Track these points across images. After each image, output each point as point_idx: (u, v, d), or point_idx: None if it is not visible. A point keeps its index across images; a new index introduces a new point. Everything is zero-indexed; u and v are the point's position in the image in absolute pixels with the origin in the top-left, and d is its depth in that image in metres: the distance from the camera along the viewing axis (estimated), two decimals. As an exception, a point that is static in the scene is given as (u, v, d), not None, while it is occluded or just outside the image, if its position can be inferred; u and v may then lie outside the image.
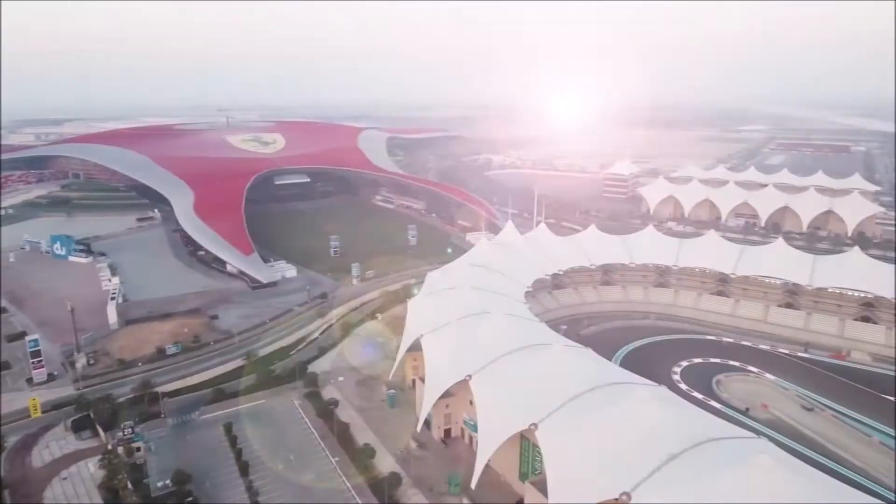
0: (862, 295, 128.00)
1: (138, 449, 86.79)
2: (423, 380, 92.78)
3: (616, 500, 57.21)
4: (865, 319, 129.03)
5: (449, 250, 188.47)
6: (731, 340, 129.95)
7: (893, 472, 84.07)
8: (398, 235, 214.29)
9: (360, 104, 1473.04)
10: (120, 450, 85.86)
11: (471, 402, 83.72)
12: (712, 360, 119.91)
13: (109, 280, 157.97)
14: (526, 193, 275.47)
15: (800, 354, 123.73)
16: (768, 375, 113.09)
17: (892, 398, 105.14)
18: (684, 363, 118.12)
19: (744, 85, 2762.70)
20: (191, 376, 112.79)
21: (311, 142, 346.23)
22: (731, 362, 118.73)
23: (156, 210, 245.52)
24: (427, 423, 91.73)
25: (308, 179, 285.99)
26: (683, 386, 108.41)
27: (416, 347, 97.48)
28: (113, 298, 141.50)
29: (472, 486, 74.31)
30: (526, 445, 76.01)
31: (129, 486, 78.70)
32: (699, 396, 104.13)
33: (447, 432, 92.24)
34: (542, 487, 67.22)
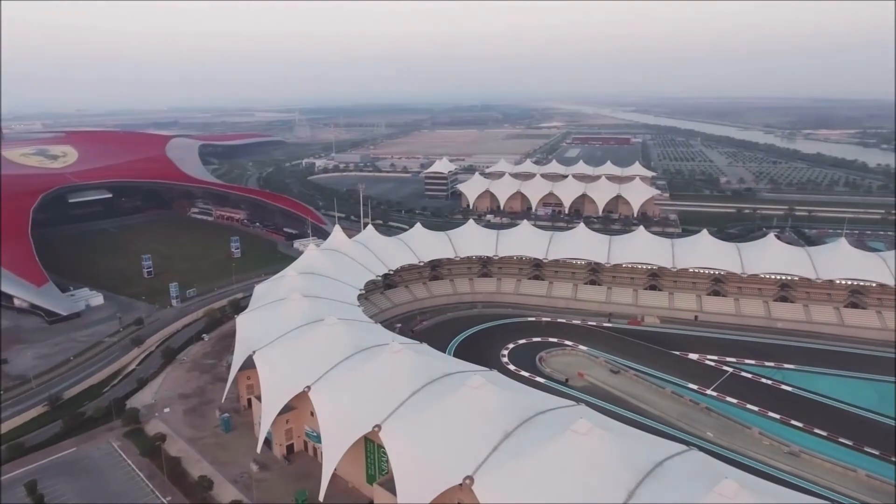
0: (648, 267, 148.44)
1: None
2: (259, 398, 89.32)
3: (461, 485, 60.61)
4: (653, 288, 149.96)
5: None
6: (548, 319, 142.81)
7: (685, 416, 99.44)
8: (220, 249, 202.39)
9: (169, 110, 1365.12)
10: None
11: (312, 414, 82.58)
12: (534, 339, 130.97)
13: None
14: (351, 196, 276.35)
15: (605, 325, 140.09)
16: (581, 347, 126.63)
17: (677, 352, 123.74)
18: (511, 345, 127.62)
19: (543, 86, 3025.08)
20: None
21: (109, 153, 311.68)
22: (551, 339, 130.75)
23: None
24: (268, 442, 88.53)
25: (110, 195, 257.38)
26: (512, 367, 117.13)
27: (248, 365, 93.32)
28: None
29: (321, 497, 73.45)
30: (371, 448, 76.95)
31: None
32: (526, 374, 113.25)
33: (290, 448, 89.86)
34: (390, 487, 68.65)
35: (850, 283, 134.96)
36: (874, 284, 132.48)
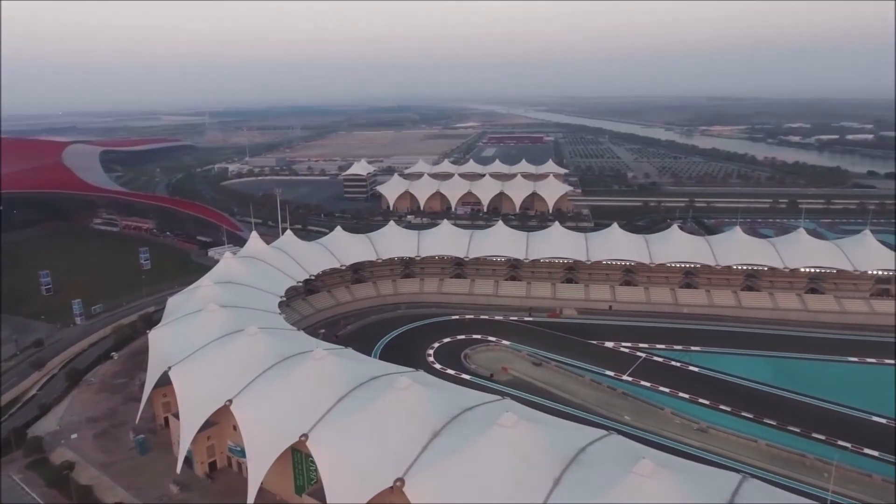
0: (564, 261, 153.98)
1: None
2: (176, 416, 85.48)
3: (392, 487, 60.75)
4: (570, 281, 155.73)
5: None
6: (471, 317, 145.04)
7: (604, 402, 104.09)
8: (128, 261, 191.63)
9: (65, 115, 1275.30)
10: None
11: (235, 428, 79.99)
12: (459, 337, 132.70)
13: None
14: (268, 201, 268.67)
15: (526, 319, 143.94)
16: (504, 342, 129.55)
17: (594, 342, 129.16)
18: (436, 344, 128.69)
19: (458, 86, 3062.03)
20: None
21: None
22: (475, 336, 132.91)
23: None
24: (188, 461, 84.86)
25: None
26: (438, 365, 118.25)
27: (164, 382, 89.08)
28: None
29: (248, 513, 71.48)
30: (298, 458, 75.59)
31: None
32: (452, 372, 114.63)
33: (212, 465, 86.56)
34: (319, 496, 67.69)
35: (745, 267, 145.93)
36: (766, 268, 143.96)
